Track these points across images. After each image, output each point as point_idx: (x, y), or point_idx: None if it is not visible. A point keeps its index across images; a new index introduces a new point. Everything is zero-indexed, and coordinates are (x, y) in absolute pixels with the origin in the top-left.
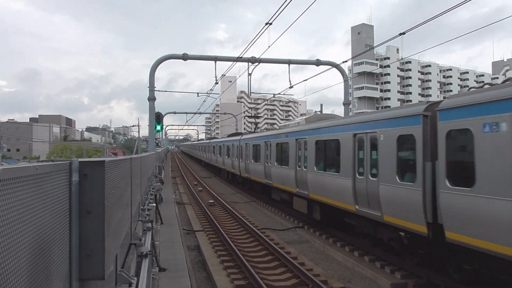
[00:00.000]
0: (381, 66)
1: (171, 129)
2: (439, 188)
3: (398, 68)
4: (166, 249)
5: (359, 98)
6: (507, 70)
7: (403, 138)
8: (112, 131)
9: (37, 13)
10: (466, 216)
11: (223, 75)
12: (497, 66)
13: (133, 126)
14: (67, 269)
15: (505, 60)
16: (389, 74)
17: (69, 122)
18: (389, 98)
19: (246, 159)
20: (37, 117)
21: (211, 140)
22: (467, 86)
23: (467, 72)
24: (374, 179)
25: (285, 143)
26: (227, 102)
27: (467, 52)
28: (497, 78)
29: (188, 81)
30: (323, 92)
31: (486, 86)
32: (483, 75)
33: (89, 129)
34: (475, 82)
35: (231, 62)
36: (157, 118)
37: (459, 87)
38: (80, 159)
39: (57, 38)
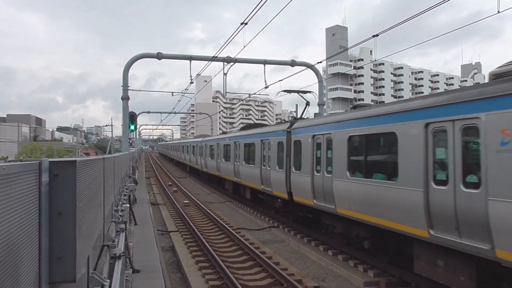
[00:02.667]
0: (355, 68)
1: (145, 128)
2: (290, 172)
3: (371, 69)
4: (140, 250)
5: (334, 98)
6: (475, 73)
7: (281, 143)
8: (84, 131)
9: (3, 9)
10: (298, 185)
11: (198, 75)
12: (466, 69)
13: (106, 125)
14: (36, 272)
15: (473, 63)
16: (362, 76)
17: (39, 121)
18: (363, 99)
19: (205, 157)
20: (5, 116)
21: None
22: (438, 88)
23: (438, 75)
24: (268, 168)
25: (228, 144)
26: (203, 102)
27: (443, 55)
28: (466, 81)
29: (167, 81)
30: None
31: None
32: (452, 78)
33: (60, 129)
34: (445, 85)
35: (207, 62)
36: (131, 118)
37: (430, 88)
38: (50, 159)
39: (27, 36)
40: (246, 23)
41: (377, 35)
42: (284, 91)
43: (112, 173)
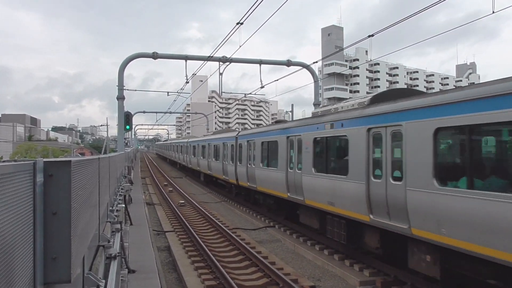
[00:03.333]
0: (350, 68)
1: (141, 128)
2: (237, 165)
3: (367, 69)
4: (135, 250)
5: (329, 98)
6: (470, 73)
7: (232, 145)
8: (79, 130)
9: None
10: (240, 174)
11: (194, 74)
12: (461, 69)
13: (101, 125)
14: (30, 272)
15: (468, 63)
16: (358, 76)
17: (34, 121)
18: None
19: (190, 155)
20: (0, 116)
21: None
22: (433, 88)
23: (433, 75)
24: (226, 163)
25: (207, 145)
26: (198, 102)
27: (440, 55)
28: (461, 81)
29: (164, 80)
30: (299, 93)
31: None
32: (447, 78)
33: (55, 129)
34: (440, 84)
35: (203, 62)
36: (126, 118)
37: (425, 88)
38: (45, 159)
39: (23, 35)
40: (241, 23)
41: (372, 35)
42: None
43: (107, 173)
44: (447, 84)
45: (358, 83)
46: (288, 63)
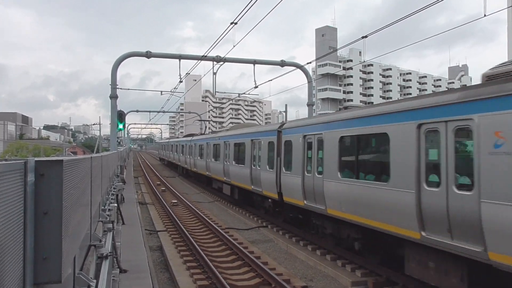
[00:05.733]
0: (344, 68)
1: (134, 127)
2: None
3: (360, 70)
4: (127, 250)
5: (323, 99)
6: (462, 76)
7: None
8: (72, 129)
9: None
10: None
11: (187, 74)
12: (453, 71)
13: (94, 124)
14: (20, 272)
15: (460, 66)
16: (352, 76)
17: (26, 120)
18: (351, 100)
19: (178, 154)
20: None
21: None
22: (426, 89)
23: (426, 77)
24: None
25: (193, 145)
26: (192, 101)
27: (439, 57)
28: (453, 82)
29: (161, 79)
30: (296, 93)
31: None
32: (440, 80)
33: (47, 127)
34: (433, 86)
35: (197, 61)
36: (119, 117)
37: (418, 90)
38: (36, 158)
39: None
40: (235, 23)
41: (365, 37)
42: None
43: (99, 172)
44: (440, 86)
45: (351, 84)
46: (282, 64)
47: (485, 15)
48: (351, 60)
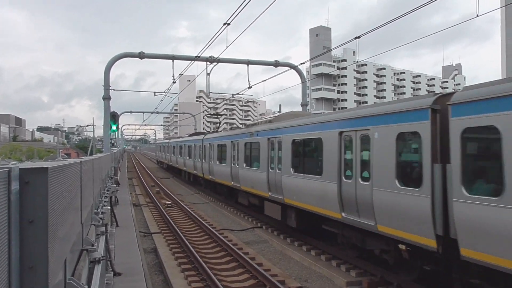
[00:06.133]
0: (338, 68)
1: (128, 128)
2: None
3: (354, 70)
4: (121, 252)
5: (317, 99)
6: (456, 75)
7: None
8: (65, 130)
9: None
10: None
11: (181, 75)
12: (447, 70)
13: (87, 125)
14: (5, 282)
15: (454, 65)
16: (346, 76)
17: (19, 121)
18: (345, 100)
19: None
20: None
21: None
22: (419, 89)
23: (419, 76)
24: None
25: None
26: (186, 102)
27: (434, 57)
28: (447, 81)
29: (156, 80)
30: (291, 93)
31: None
32: (433, 79)
33: (40, 129)
34: (426, 85)
35: (190, 61)
36: (113, 118)
37: (411, 89)
38: (21, 166)
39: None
40: (229, 24)
41: (359, 37)
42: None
43: (91, 175)
44: (433, 85)
45: (345, 84)
46: (276, 64)
47: (477, 15)
48: (345, 60)
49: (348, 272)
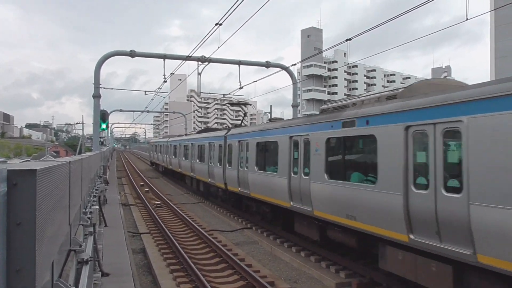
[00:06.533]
0: (329, 70)
1: (118, 127)
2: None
3: (345, 71)
4: (110, 252)
5: (308, 100)
6: (445, 76)
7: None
8: (54, 128)
9: None
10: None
11: (172, 74)
12: (437, 72)
13: (77, 123)
14: None
15: (443, 67)
16: (336, 77)
17: (7, 118)
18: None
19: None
20: None
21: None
22: None
23: (409, 78)
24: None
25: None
26: (177, 101)
27: (426, 59)
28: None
29: (148, 78)
30: (283, 94)
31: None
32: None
33: (29, 126)
34: None
35: (182, 61)
36: (102, 116)
37: None
38: (9, 167)
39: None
40: (220, 24)
41: (350, 39)
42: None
43: (79, 175)
44: None
45: (336, 85)
46: (267, 65)
47: (467, 19)
48: (336, 62)
49: (338, 273)
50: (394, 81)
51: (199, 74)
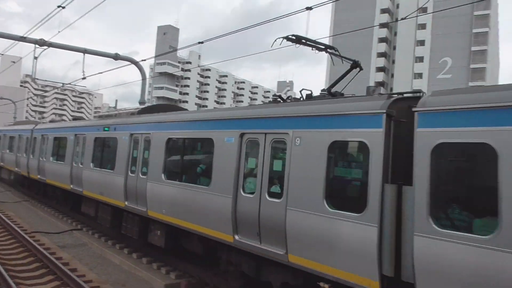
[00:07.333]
0: (182, 70)
1: None
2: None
3: (198, 74)
4: None
5: (158, 97)
6: (288, 90)
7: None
8: None
9: None
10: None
11: (2, 55)
12: (281, 85)
13: None
14: None
15: (287, 81)
16: (189, 78)
17: None
18: (187, 101)
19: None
20: None
21: None
22: (256, 99)
23: (257, 87)
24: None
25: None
26: (8, 86)
27: (275, 72)
28: (280, 95)
29: None
30: (133, 88)
31: None
32: (269, 91)
33: None
34: (262, 96)
35: (15, 41)
36: None
37: (249, 98)
38: None
39: None
40: (63, 7)
41: (202, 42)
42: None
43: None
44: (268, 97)
45: (188, 86)
46: (116, 57)
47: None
48: (190, 63)
49: (168, 274)
50: (243, 89)
51: (36, 58)
